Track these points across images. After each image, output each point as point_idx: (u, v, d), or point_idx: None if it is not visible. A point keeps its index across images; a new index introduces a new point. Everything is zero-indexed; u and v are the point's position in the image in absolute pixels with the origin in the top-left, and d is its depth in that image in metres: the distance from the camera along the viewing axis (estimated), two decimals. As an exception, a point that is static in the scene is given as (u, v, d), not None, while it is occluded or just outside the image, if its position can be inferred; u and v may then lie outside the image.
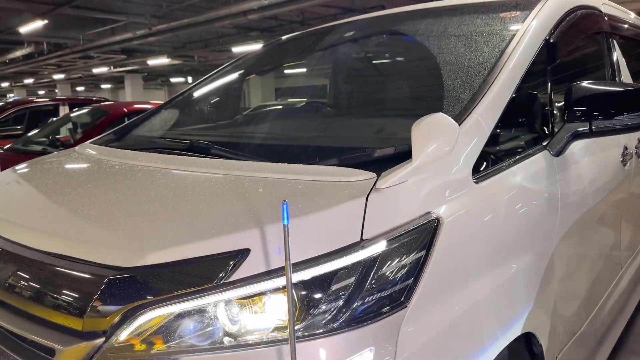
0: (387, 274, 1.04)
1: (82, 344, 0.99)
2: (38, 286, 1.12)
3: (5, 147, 5.10)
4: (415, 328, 1.06)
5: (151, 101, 6.86)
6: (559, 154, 1.67)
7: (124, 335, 0.98)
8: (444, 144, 1.13)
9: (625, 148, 2.37)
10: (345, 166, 1.23)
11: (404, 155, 1.21)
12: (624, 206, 2.47)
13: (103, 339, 0.98)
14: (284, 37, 2.86)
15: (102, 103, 7.24)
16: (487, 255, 1.31)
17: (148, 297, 0.97)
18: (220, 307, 0.98)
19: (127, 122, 2.39)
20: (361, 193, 1.09)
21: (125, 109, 5.19)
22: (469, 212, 1.26)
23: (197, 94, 2.58)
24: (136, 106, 5.45)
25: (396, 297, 1.05)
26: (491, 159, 1.44)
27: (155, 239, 1.04)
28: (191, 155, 1.58)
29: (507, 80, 1.53)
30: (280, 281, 0.97)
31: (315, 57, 2.66)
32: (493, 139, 1.48)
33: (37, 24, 9.41)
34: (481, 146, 1.37)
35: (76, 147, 2.06)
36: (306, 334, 0.96)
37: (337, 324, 0.98)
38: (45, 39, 12.92)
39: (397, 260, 1.07)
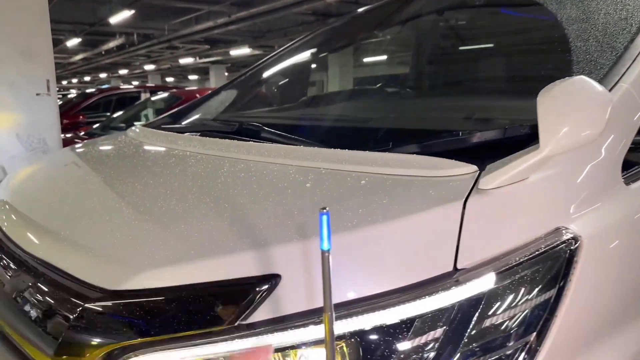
0: (495, 323, 0.66)
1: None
2: (11, 300, 0.86)
3: (83, 133, 5.21)
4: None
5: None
6: None
7: (103, 387, 0.68)
8: (592, 122, 0.72)
9: None
10: (428, 155, 0.85)
11: (519, 142, 0.82)
12: None
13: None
14: (360, 10, 2.49)
15: (177, 90, 7.32)
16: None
17: (139, 336, 0.67)
18: (236, 362, 0.65)
19: (187, 104, 2.18)
20: (456, 196, 0.72)
21: (197, 95, 5.12)
22: (618, 228, 0.84)
23: (261, 74, 2.29)
24: (209, 92, 5.37)
25: (510, 356, 0.66)
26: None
27: (157, 251, 0.73)
28: (237, 139, 1.28)
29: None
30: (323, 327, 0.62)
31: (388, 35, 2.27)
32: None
33: (125, 14, 9.75)
34: (635, 130, 0.94)
35: (127, 130, 1.86)
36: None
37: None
38: (135, 30, 13.46)
39: (512, 303, 0.68)
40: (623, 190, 0.89)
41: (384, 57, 2.39)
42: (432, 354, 0.63)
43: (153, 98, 6.09)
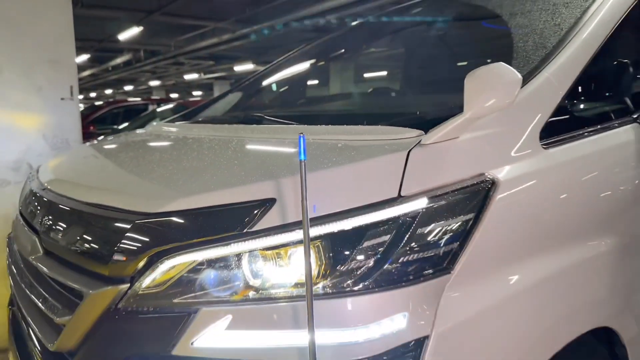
0: (428, 234, 0.93)
1: (108, 289, 0.97)
2: (74, 234, 1.13)
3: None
4: (460, 299, 0.93)
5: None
6: (653, 128, 1.44)
7: (147, 281, 0.95)
8: (503, 95, 0.99)
9: None
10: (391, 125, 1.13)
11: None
12: None
13: (128, 285, 0.96)
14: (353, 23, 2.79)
15: (184, 101, 7.64)
16: (555, 230, 1.14)
17: (172, 242, 0.94)
18: (244, 258, 0.92)
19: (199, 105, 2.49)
20: (403, 148, 0.99)
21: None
22: (533, 180, 1.10)
23: (264, 81, 2.58)
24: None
25: (438, 261, 0.93)
26: (566, 125, 1.26)
27: (182, 187, 1.01)
28: (241, 124, 1.57)
29: (589, 38, 1.34)
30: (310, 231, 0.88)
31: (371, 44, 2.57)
32: (570, 104, 1.30)
33: (134, 31, 10.16)
34: (553, 107, 1.21)
35: (147, 126, 2.15)
36: (331, 291, 0.88)
37: (367, 283, 0.88)
38: (142, 47, 13.91)
39: (441, 221, 0.95)
40: (541, 152, 1.15)
41: (361, 67, 2.70)
42: (381, 251, 0.90)
43: (159, 109, 6.39)
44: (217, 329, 0.90)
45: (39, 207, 1.34)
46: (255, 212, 0.92)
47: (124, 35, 10.97)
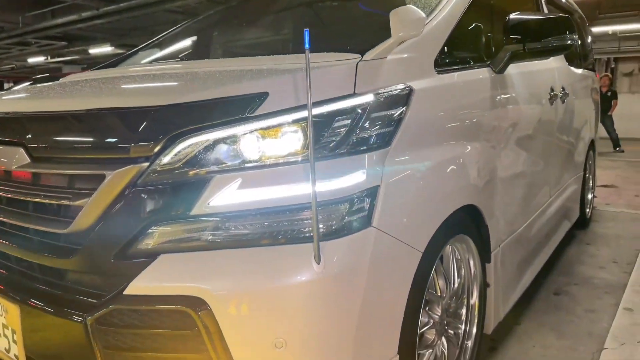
0: (375, 119, 1.32)
1: (130, 167, 1.19)
2: (86, 134, 1.32)
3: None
4: (395, 164, 1.35)
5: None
6: (500, 71, 2.03)
7: (166, 159, 1.19)
8: (414, 28, 1.43)
9: (552, 89, 2.80)
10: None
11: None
12: (552, 140, 2.90)
13: (148, 163, 1.19)
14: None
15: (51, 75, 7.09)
16: (445, 130, 1.63)
17: (186, 127, 1.19)
18: (246, 136, 1.21)
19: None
20: (352, 62, 1.37)
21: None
22: (432, 93, 1.57)
23: (172, 39, 2.75)
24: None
25: (381, 138, 1.33)
26: (449, 59, 1.76)
27: (189, 85, 1.27)
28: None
29: (456, 4, 1.87)
30: (294, 115, 1.22)
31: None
32: (450, 45, 1.79)
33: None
34: (440, 44, 1.69)
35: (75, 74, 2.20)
36: (316, 156, 1.22)
37: (339, 150, 1.24)
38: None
39: (382, 112, 1.35)
40: (435, 75, 1.63)
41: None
42: (346, 129, 1.26)
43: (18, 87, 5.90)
44: (229, 189, 1.19)
45: (24, 122, 1.44)
46: (255, 101, 1.22)
47: (-42, 7, 9.60)
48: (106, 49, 15.84)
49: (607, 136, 10.34)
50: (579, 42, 4.31)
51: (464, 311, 1.92)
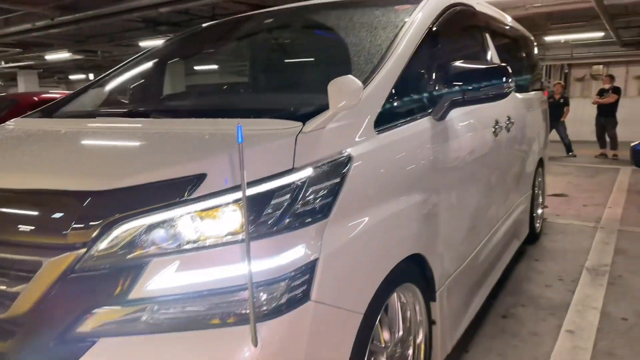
0: (313, 193, 1.37)
1: (67, 254, 1.20)
2: (20, 218, 1.31)
3: None
4: (334, 233, 1.40)
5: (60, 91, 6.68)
6: (441, 118, 2.11)
7: (103, 245, 1.21)
8: (352, 98, 1.48)
9: (497, 122, 2.92)
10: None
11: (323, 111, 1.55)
12: (497, 170, 3.03)
13: (85, 249, 1.20)
14: (203, 25, 3.09)
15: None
16: (386, 188, 1.69)
17: (123, 212, 1.21)
18: (183, 219, 1.24)
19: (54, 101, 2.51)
20: (292, 134, 1.41)
21: (35, 98, 5.08)
22: (372, 154, 1.63)
23: (120, 77, 2.73)
24: (45, 96, 5.38)
25: (320, 211, 1.38)
26: (389, 118, 1.82)
27: (126, 168, 1.28)
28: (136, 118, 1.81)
29: (399, 58, 1.93)
30: (232, 196, 1.26)
31: (233, 44, 2.93)
32: (390, 104, 1.86)
33: None
34: (380, 105, 1.75)
35: (11, 121, 2.16)
36: (253, 235, 1.26)
37: (277, 228, 1.28)
38: None
39: (321, 184, 1.40)
40: (375, 136, 1.68)
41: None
42: (284, 206, 1.30)
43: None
44: (167, 272, 1.21)
45: None
46: (192, 183, 1.25)
47: None
48: (63, 55, 15.42)
49: (560, 140, 10.74)
50: (528, 64, 4.50)
51: (410, 352, 1.99)
